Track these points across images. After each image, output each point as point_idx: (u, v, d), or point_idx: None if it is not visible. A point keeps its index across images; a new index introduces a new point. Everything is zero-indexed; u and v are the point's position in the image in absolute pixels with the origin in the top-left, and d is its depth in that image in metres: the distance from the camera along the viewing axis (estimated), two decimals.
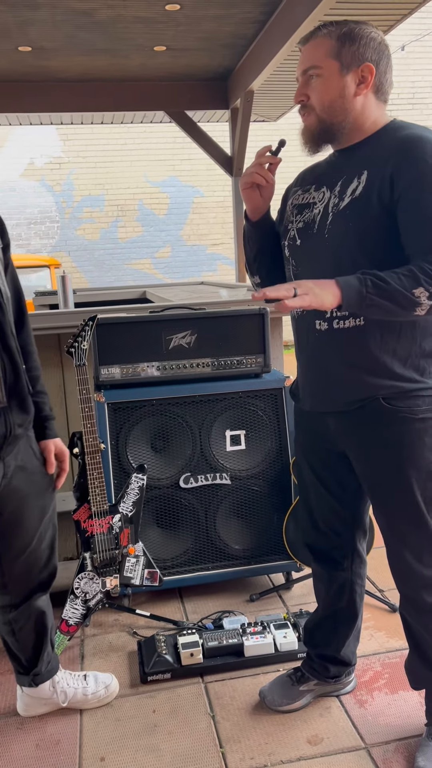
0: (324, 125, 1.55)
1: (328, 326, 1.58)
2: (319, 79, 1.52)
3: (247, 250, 1.79)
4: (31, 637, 1.89)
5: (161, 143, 9.68)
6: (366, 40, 1.51)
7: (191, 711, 1.99)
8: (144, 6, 4.56)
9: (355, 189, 1.51)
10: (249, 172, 1.61)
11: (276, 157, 1.60)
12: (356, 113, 1.53)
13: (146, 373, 2.47)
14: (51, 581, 1.91)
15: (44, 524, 1.81)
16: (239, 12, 4.75)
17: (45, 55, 5.46)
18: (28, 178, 9.59)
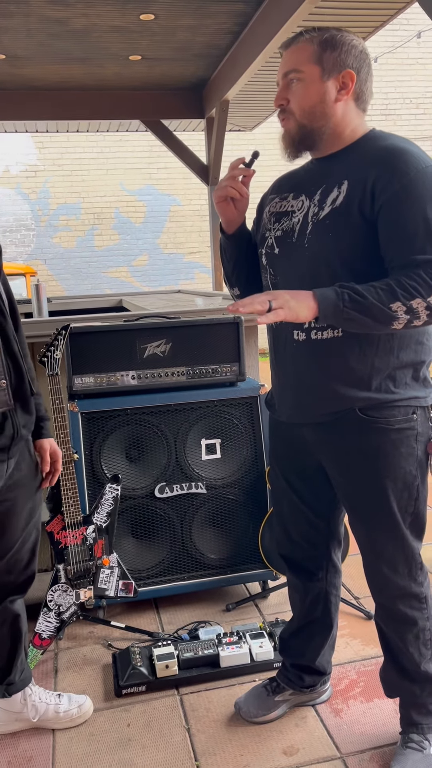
0: (304, 130, 1.54)
1: (305, 337, 1.58)
2: (300, 83, 1.52)
3: (225, 262, 1.78)
4: (6, 642, 1.88)
5: (137, 152, 9.69)
6: (348, 47, 1.51)
7: (166, 724, 1.97)
8: (119, 15, 4.57)
9: (335, 199, 1.51)
10: (222, 185, 1.60)
11: (249, 170, 1.59)
12: (336, 119, 1.53)
13: (121, 382, 2.46)
14: (28, 585, 1.90)
15: (29, 527, 1.82)
16: (213, 23, 4.78)
17: (19, 63, 5.44)
18: (3, 186, 9.52)
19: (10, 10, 4.37)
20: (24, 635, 1.91)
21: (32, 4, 4.31)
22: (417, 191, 1.41)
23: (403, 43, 9.79)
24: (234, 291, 1.82)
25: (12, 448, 1.66)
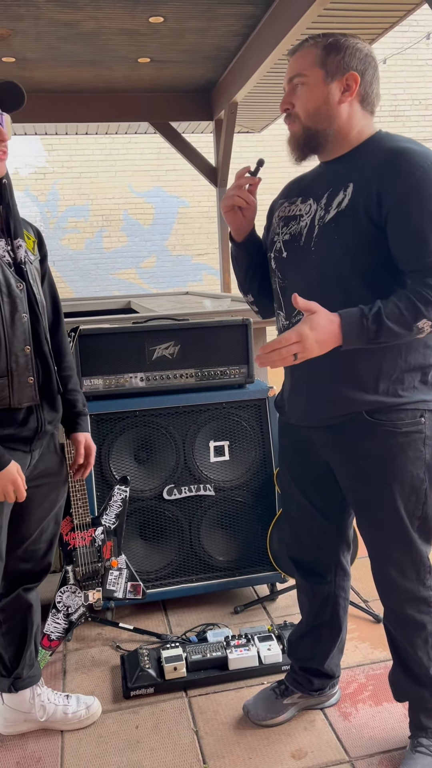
0: (309, 132, 1.55)
1: None
2: (304, 87, 1.53)
3: (237, 270, 1.79)
4: (16, 632, 1.90)
5: (146, 154, 9.71)
6: (351, 50, 1.52)
7: (174, 726, 1.97)
8: (128, 18, 4.59)
9: (341, 201, 1.51)
10: (229, 194, 1.62)
11: (255, 178, 1.61)
12: (341, 121, 1.54)
13: (129, 384, 2.46)
14: (43, 575, 1.93)
15: (49, 518, 1.87)
16: (222, 25, 4.79)
17: (29, 66, 5.46)
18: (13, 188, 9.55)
19: (19, 13, 4.40)
20: (35, 628, 1.93)
21: (42, 8, 4.33)
22: (424, 190, 1.41)
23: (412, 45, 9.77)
24: (248, 297, 1.82)
25: (35, 441, 1.72)
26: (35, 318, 1.70)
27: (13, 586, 1.88)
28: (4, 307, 1.62)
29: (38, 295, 1.73)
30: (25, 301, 1.67)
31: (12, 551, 1.83)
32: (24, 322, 1.67)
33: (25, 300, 1.67)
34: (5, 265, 1.64)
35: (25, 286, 1.67)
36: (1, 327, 1.62)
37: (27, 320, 1.67)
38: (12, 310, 1.64)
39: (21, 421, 1.67)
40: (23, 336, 1.66)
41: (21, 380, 1.66)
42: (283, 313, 1.66)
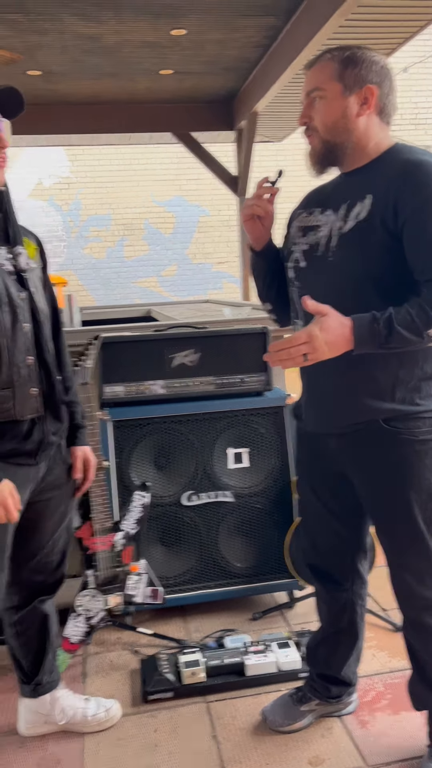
0: (328, 146, 1.57)
1: None
2: (322, 100, 1.55)
3: (256, 279, 1.81)
4: (34, 642, 1.92)
5: (167, 163, 9.80)
6: (368, 63, 1.54)
7: (193, 731, 1.98)
8: (150, 31, 4.66)
9: (359, 213, 1.53)
10: (249, 204, 1.65)
11: (274, 188, 1.63)
12: (359, 134, 1.56)
13: (150, 391, 2.50)
14: (58, 587, 1.94)
15: (60, 530, 1.87)
16: (243, 36, 4.84)
17: (53, 78, 5.57)
18: (37, 198, 9.72)
19: (44, 27, 4.50)
20: (52, 636, 1.95)
21: (66, 22, 4.42)
22: None
23: None
24: (266, 305, 1.84)
25: (39, 453, 1.69)
26: (37, 327, 1.67)
27: (29, 598, 1.88)
28: (4, 317, 1.58)
29: (39, 303, 1.69)
30: (27, 310, 1.64)
31: (25, 564, 1.83)
32: (26, 332, 1.63)
33: (27, 309, 1.64)
34: (6, 274, 1.61)
35: (26, 295, 1.64)
36: (3, 338, 1.57)
37: (29, 330, 1.64)
38: (13, 320, 1.60)
39: (25, 434, 1.64)
40: (25, 346, 1.63)
41: (24, 392, 1.63)
42: (300, 321, 1.68)
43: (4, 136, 1.58)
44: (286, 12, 4.42)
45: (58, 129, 6.43)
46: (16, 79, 5.47)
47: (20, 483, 1.66)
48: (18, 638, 1.91)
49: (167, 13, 4.37)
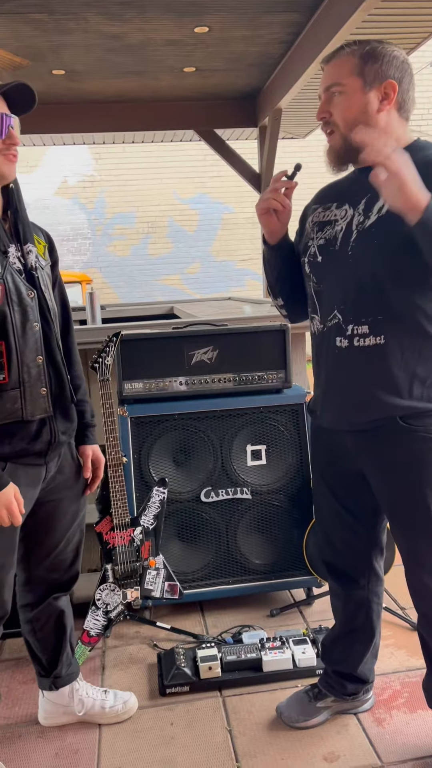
0: (348, 142, 1.56)
1: (348, 344, 1.59)
2: (342, 96, 1.54)
3: (268, 273, 1.81)
4: (51, 637, 1.94)
5: (191, 161, 9.82)
6: (389, 58, 1.53)
7: (208, 724, 2.00)
8: (174, 29, 4.67)
9: (381, 207, 1.53)
10: (265, 198, 1.64)
11: (292, 182, 1.63)
12: (380, 130, 1.55)
13: (169, 388, 2.52)
14: (72, 584, 1.96)
15: (73, 529, 1.88)
16: (267, 33, 4.83)
17: (78, 77, 5.61)
18: (62, 196, 9.81)
19: (69, 27, 4.53)
20: (69, 631, 1.98)
21: (90, 21, 4.45)
22: None
23: None
24: (277, 301, 1.84)
25: (49, 453, 1.70)
26: (47, 326, 1.66)
27: (44, 595, 1.91)
28: (14, 317, 1.57)
29: (50, 302, 1.69)
30: (37, 309, 1.63)
31: (40, 562, 1.86)
32: (36, 332, 1.62)
33: (37, 308, 1.63)
34: (15, 273, 1.60)
35: (36, 294, 1.63)
36: (12, 337, 1.57)
37: (39, 329, 1.63)
38: (23, 320, 1.59)
39: (34, 434, 1.64)
40: (35, 346, 1.62)
41: (33, 392, 1.62)
42: (318, 316, 1.68)
43: (14, 133, 1.57)
44: (310, 8, 4.40)
45: (82, 128, 6.48)
46: (41, 78, 5.53)
47: (29, 483, 1.68)
48: (35, 634, 1.94)
49: (191, 11, 4.37)
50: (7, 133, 1.55)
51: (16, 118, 1.60)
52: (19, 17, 4.32)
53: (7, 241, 1.61)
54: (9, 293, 1.57)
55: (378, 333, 1.55)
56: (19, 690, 2.22)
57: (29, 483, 1.67)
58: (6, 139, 1.55)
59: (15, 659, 2.39)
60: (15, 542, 1.69)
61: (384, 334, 1.54)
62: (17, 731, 2.02)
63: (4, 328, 1.57)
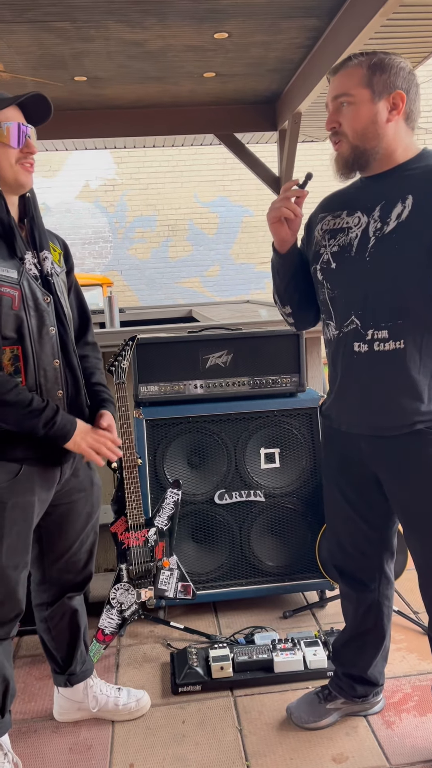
0: (357, 151, 1.59)
1: (368, 348, 1.61)
2: (351, 106, 1.57)
3: (277, 281, 1.83)
4: (65, 635, 1.99)
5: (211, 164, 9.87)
6: (396, 69, 1.56)
7: (219, 723, 2.03)
8: (193, 35, 4.72)
9: (400, 213, 1.55)
10: (276, 206, 1.66)
11: (303, 191, 1.65)
12: (388, 139, 1.58)
13: (184, 391, 2.55)
14: (85, 585, 2.00)
15: (87, 531, 1.92)
16: (286, 38, 4.85)
17: (99, 84, 5.69)
18: (84, 200, 9.92)
19: (90, 34, 4.60)
20: (83, 629, 2.02)
21: (111, 28, 4.52)
22: None
23: None
24: (285, 309, 1.86)
25: (64, 455, 1.74)
26: (63, 331, 1.71)
27: (59, 595, 1.96)
28: (31, 321, 1.62)
29: (65, 307, 1.73)
30: (53, 314, 1.68)
31: (54, 563, 1.91)
32: (52, 336, 1.67)
33: (53, 313, 1.68)
34: (32, 279, 1.65)
35: (52, 299, 1.68)
36: (29, 341, 1.62)
37: (55, 333, 1.68)
38: (39, 324, 1.64)
39: None
40: (52, 350, 1.67)
41: (50, 394, 1.67)
42: (332, 322, 1.70)
43: (31, 143, 1.62)
44: (329, 12, 4.41)
45: (104, 132, 6.56)
46: (63, 85, 5.61)
47: (44, 485, 1.73)
48: (50, 632, 1.98)
49: (211, 17, 4.41)
50: (24, 143, 1.60)
51: (33, 128, 1.65)
52: (42, 26, 4.40)
53: (24, 248, 1.66)
54: (25, 299, 1.62)
55: (397, 338, 1.56)
56: (35, 686, 2.27)
57: (44, 485, 1.72)
58: (23, 149, 1.61)
59: (31, 656, 2.44)
60: (29, 543, 1.73)
61: (404, 339, 1.56)
62: (33, 726, 2.07)
63: (20, 333, 1.62)
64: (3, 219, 1.61)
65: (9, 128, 1.58)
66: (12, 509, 1.66)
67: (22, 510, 1.68)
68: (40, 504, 1.73)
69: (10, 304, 1.59)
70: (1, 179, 1.61)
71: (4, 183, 1.62)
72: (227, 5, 4.23)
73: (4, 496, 1.65)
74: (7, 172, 1.61)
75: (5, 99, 1.61)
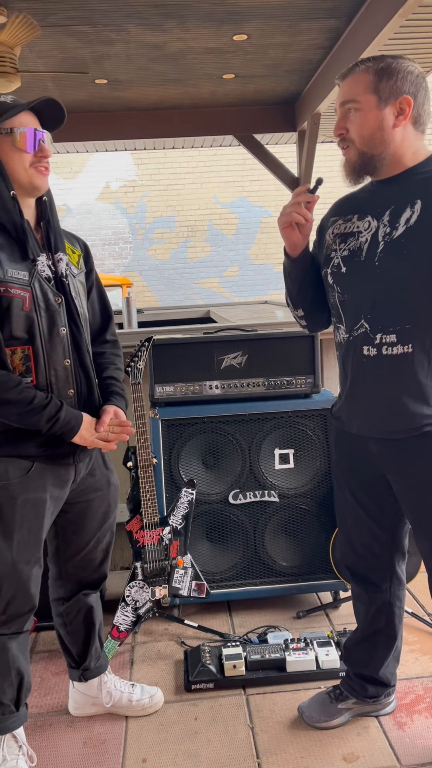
0: (364, 157, 1.60)
1: (377, 352, 1.62)
2: (358, 112, 1.58)
3: (289, 284, 1.84)
4: (80, 631, 2.02)
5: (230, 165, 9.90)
6: (403, 73, 1.56)
7: (231, 721, 2.05)
8: (213, 37, 4.75)
9: (409, 218, 1.55)
10: (287, 212, 1.67)
11: (313, 196, 1.66)
12: (396, 144, 1.58)
13: (199, 391, 2.58)
14: (100, 583, 2.04)
15: (103, 530, 1.95)
16: (305, 39, 4.86)
17: (120, 86, 5.74)
18: (104, 201, 10.00)
19: (111, 38, 4.65)
20: (98, 626, 2.05)
21: (132, 32, 4.56)
22: None
23: None
24: (298, 312, 1.88)
25: (78, 453, 1.78)
26: (77, 331, 1.73)
27: (75, 591, 1.99)
28: (41, 322, 1.65)
29: (80, 308, 1.75)
30: (65, 314, 1.70)
31: (70, 560, 1.94)
32: (63, 336, 1.70)
33: (65, 313, 1.70)
34: (44, 280, 1.67)
35: (63, 300, 1.70)
36: (40, 341, 1.65)
37: (66, 333, 1.70)
38: (50, 325, 1.67)
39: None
40: (63, 349, 1.70)
41: (61, 393, 1.70)
42: (343, 326, 1.71)
43: (45, 147, 1.66)
44: (348, 13, 4.42)
45: (124, 134, 6.62)
46: (84, 87, 5.68)
47: (57, 483, 1.76)
48: (66, 627, 2.02)
49: (230, 19, 4.44)
50: (39, 147, 1.64)
51: (48, 133, 1.69)
52: (63, 30, 4.46)
53: (37, 251, 1.69)
54: (36, 300, 1.65)
55: (406, 342, 1.57)
56: (52, 681, 2.31)
57: (57, 483, 1.75)
58: (37, 153, 1.65)
59: (48, 651, 2.48)
60: (41, 538, 1.77)
61: (412, 343, 1.57)
62: (48, 720, 2.11)
63: (31, 333, 1.65)
64: (16, 222, 1.65)
65: (23, 133, 1.62)
66: (23, 505, 1.70)
67: (33, 506, 1.71)
68: (53, 501, 1.76)
69: (21, 306, 1.63)
70: (16, 183, 1.65)
71: (20, 186, 1.66)
72: (246, 7, 4.25)
73: (15, 492, 1.68)
74: (22, 176, 1.65)
75: (19, 105, 1.65)
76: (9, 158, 1.63)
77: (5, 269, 1.61)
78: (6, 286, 1.60)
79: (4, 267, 1.61)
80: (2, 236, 1.65)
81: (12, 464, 1.68)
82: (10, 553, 1.70)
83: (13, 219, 1.65)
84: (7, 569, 1.71)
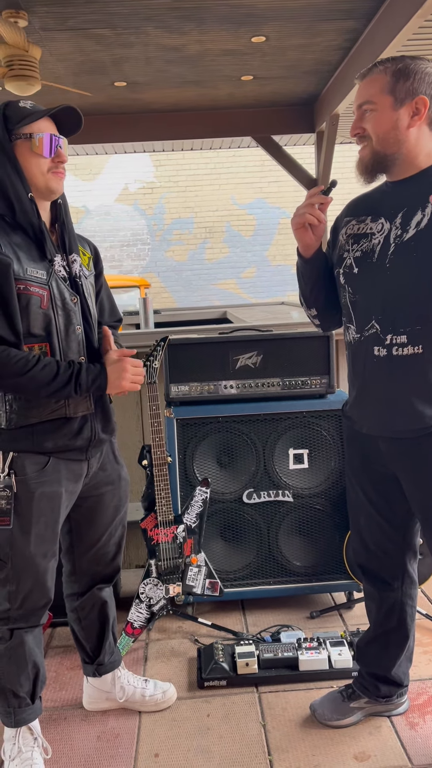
0: (378, 156, 1.61)
1: (387, 353, 1.63)
2: (373, 113, 1.59)
3: (302, 284, 1.86)
4: (94, 626, 2.05)
5: (249, 167, 9.91)
6: (421, 75, 1.57)
7: (243, 718, 2.06)
8: (231, 39, 4.77)
9: (420, 221, 1.56)
10: (300, 213, 1.68)
11: (327, 197, 1.67)
12: (410, 145, 1.59)
13: (214, 391, 2.59)
14: (114, 577, 2.07)
15: (115, 524, 1.99)
16: (324, 40, 4.87)
17: (138, 88, 5.78)
18: (123, 203, 10.06)
19: (130, 40, 4.69)
20: (111, 621, 2.08)
21: (150, 34, 4.60)
22: None
23: None
24: (311, 312, 1.89)
25: (90, 449, 1.81)
26: (89, 329, 1.79)
27: (89, 586, 2.02)
28: (58, 320, 1.70)
29: (92, 308, 1.81)
30: (80, 313, 1.76)
31: (83, 555, 1.97)
32: (78, 334, 1.75)
33: (80, 313, 1.76)
34: (60, 280, 1.72)
35: (79, 300, 1.76)
36: (56, 339, 1.70)
37: (81, 332, 1.76)
38: (66, 323, 1.72)
39: (76, 431, 1.75)
40: (78, 347, 1.75)
41: None
42: (353, 326, 1.72)
43: (62, 152, 1.71)
44: (366, 15, 4.42)
45: (143, 136, 6.67)
46: (103, 90, 5.73)
47: (71, 477, 1.80)
48: (80, 622, 2.05)
49: (248, 21, 4.46)
50: (56, 152, 1.69)
51: (65, 138, 1.74)
52: (83, 33, 4.51)
53: (54, 251, 1.74)
54: (54, 298, 1.70)
55: (416, 343, 1.58)
56: (66, 675, 2.34)
57: (71, 477, 1.79)
58: (54, 158, 1.70)
59: (63, 646, 2.51)
60: (57, 532, 1.80)
61: (422, 344, 1.58)
62: (63, 714, 2.14)
63: (48, 331, 1.70)
64: (34, 223, 1.69)
65: (41, 139, 1.67)
66: (39, 499, 1.73)
67: (49, 500, 1.75)
68: (68, 495, 1.79)
69: (39, 304, 1.67)
70: (33, 186, 1.70)
71: (36, 189, 1.70)
72: (264, 9, 4.27)
73: (32, 486, 1.72)
74: (39, 180, 1.70)
75: (38, 111, 1.70)
76: (27, 162, 1.68)
77: (24, 268, 1.65)
78: (25, 284, 1.64)
79: (23, 265, 1.65)
80: (21, 236, 1.69)
81: (29, 459, 1.72)
82: (28, 547, 1.73)
83: (31, 220, 1.69)
84: (26, 563, 1.74)
